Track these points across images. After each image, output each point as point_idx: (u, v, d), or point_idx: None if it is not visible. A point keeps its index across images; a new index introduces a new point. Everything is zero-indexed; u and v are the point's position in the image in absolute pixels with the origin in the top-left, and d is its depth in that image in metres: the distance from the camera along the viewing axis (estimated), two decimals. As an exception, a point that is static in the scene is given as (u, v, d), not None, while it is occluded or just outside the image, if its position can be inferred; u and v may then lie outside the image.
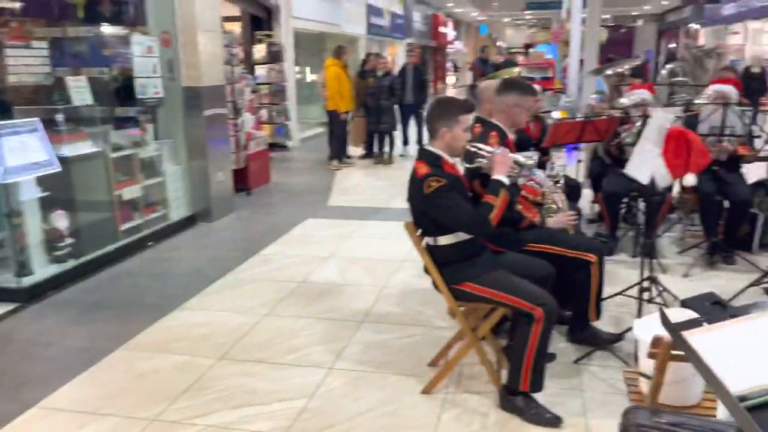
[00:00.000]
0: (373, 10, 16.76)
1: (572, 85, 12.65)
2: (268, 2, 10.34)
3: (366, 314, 3.80)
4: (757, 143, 4.50)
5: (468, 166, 2.78)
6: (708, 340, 1.15)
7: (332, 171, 8.74)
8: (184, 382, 3.03)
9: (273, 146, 9.54)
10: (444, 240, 2.71)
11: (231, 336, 3.53)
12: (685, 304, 3.00)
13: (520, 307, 2.57)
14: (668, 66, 6.66)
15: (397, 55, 19.21)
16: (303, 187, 7.74)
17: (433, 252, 2.75)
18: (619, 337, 3.18)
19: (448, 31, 27.54)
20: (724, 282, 4.17)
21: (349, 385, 2.99)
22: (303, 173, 8.82)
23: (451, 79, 26.52)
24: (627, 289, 3.77)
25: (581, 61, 12.93)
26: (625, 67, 5.41)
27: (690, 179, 3.33)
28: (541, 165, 4.45)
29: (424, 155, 2.72)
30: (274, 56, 10.43)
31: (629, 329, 3.11)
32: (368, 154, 9.60)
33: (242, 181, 7.20)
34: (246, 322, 3.70)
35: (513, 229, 3.07)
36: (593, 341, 3.19)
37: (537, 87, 4.10)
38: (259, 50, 10.33)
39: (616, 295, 3.72)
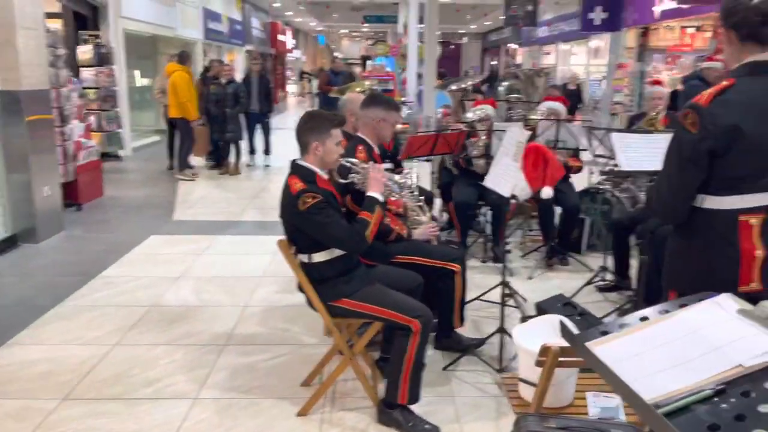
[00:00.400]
0: (210, 15, 16.15)
1: (411, 97, 13.24)
2: (94, 0, 9.50)
3: (229, 336, 3.60)
4: (584, 156, 5.01)
5: (342, 181, 2.75)
6: (611, 350, 1.22)
7: (174, 183, 8.24)
8: (21, 432, 2.64)
9: (104, 156, 8.77)
10: (319, 257, 2.65)
11: (75, 372, 3.14)
12: (539, 306, 3.24)
13: (398, 320, 2.59)
14: (504, 83, 7.26)
15: (235, 62, 18.69)
16: (142, 201, 7.19)
17: (307, 269, 2.68)
18: (482, 342, 3.33)
19: (287, 39, 27.42)
20: (562, 282, 4.58)
21: (218, 415, 2.81)
22: (141, 185, 8.20)
23: (292, 87, 26.41)
24: (483, 293, 3.99)
25: (419, 75, 13.59)
26: (468, 84, 5.76)
27: (547, 191, 3.60)
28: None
29: (297, 170, 2.64)
30: (103, 58, 9.60)
31: (493, 334, 3.28)
32: (215, 164, 9.21)
33: (72, 195, 6.51)
34: (92, 355, 3.33)
35: (382, 242, 3.10)
36: (459, 347, 3.32)
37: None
38: (85, 51, 9.44)
39: (474, 299, 3.91)
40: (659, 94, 5.45)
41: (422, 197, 3.35)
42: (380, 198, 2.67)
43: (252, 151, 9.68)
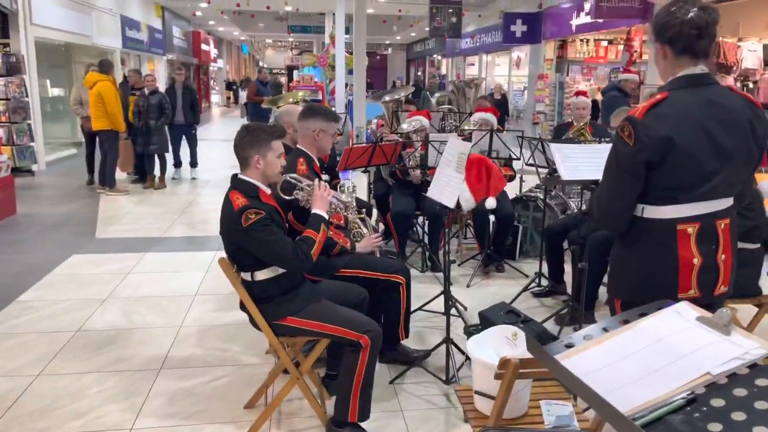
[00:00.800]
0: (128, 23, 15.55)
1: (340, 107, 13.22)
2: (3, 6, 8.93)
3: (164, 360, 3.42)
4: (516, 164, 5.14)
5: (286, 197, 2.68)
6: (580, 363, 1.22)
7: (95, 198, 7.83)
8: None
9: (15, 171, 8.22)
10: (262, 275, 2.56)
11: (-6, 408, 2.89)
12: (483, 315, 3.27)
13: (347, 336, 2.54)
14: (437, 94, 7.36)
15: (156, 71, 18.07)
16: (60, 219, 6.77)
17: (250, 288, 2.58)
18: (428, 354, 3.32)
19: (210, 48, 26.81)
20: (500, 288, 4.66)
21: (157, 445, 2.65)
22: (58, 202, 7.73)
23: (216, 97, 25.82)
24: (426, 304, 4.00)
25: (347, 85, 13.61)
26: (402, 95, 5.79)
27: (491, 202, 3.64)
28: (333, 188, 4.52)
29: (238, 185, 2.54)
30: (12, 68, 9.04)
31: (439, 344, 3.27)
32: (138, 178, 8.84)
33: (-19, 214, 6.06)
34: (13, 388, 3.07)
35: (325, 256, 3.04)
36: (405, 360, 3.29)
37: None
38: (-8, 60, 8.85)
39: (417, 310, 3.90)
40: (583, 104, 5.67)
41: (364, 209, 3.31)
42: (325, 216, 2.61)
43: (177, 164, 9.36)
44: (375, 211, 5.64)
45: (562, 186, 5.28)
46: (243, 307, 2.65)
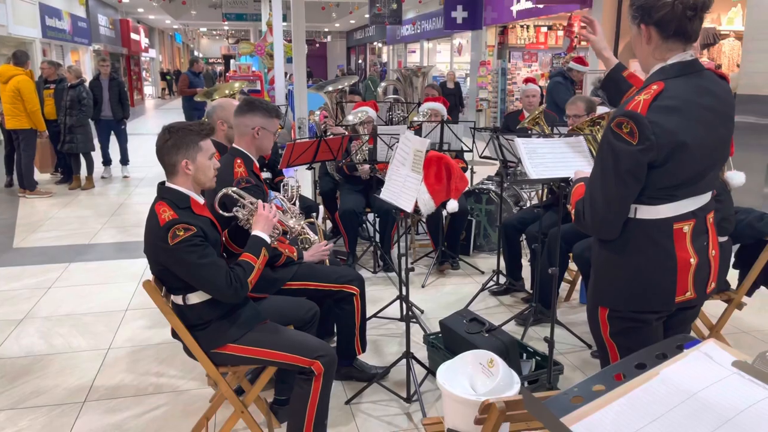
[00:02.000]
0: (48, 11, 14.53)
1: (280, 97, 12.74)
2: None
3: (89, 390, 3.03)
4: (467, 156, 4.92)
5: (224, 214, 2.34)
6: (596, 427, 0.97)
7: (13, 203, 7.18)
8: None
9: None
10: (195, 297, 2.22)
11: None
12: (444, 324, 3.03)
13: (297, 363, 2.24)
14: (383, 84, 7.05)
15: (82, 63, 17.05)
16: (-27, 227, 6.15)
17: (183, 313, 2.24)
18: (388, 370, 3.05)
19: (141, 38, 25.59)
20: (456, 287, 4.45)
21: (80, 498, 2.29)
22: (-29, 207, 7.06)
23: (149, 89, 24.70)
24: (381, 310, 3.73)
25: (286, 74, 13.13)
26: (345, 84, 5.47)
27: (453, 205, 3.38)
28: (275, 187, 4.19)
29: (165, 195, 2.18)
30: None
31: (399, 360, 3.01)
32: (64, 178, 8.21)
33: None
34: None
35: (270, 268, 2.72)
36: (363, 377, 3.02)
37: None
38: None
39: (372, 316, 3.64)
40: (533, 92, 5.51)
41: (313, 213, 3.00)
42: (267, 239, 2.29)
43: (106, 162, 8.75)
44: (321, 208, 5.32)
45: (514, 177, 5.10)
46: (175, 334, 2.31)
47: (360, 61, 31.18)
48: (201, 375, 3.13)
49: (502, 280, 4.30)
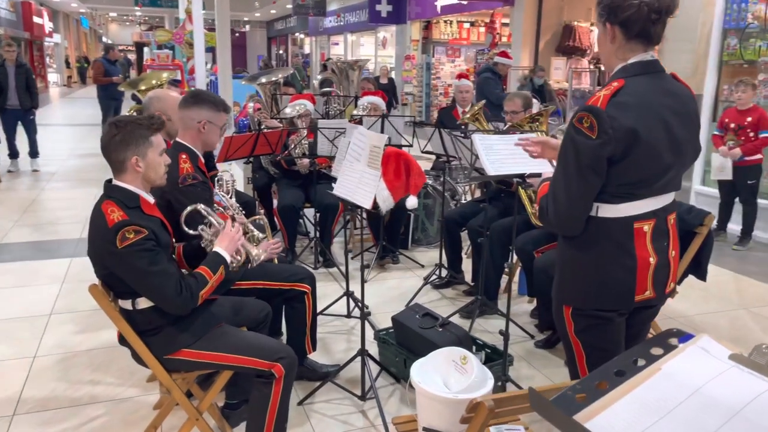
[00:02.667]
0: (-61, -12, 13.31)
1: (200, 87, 12.30)
2: None
3: (18, 402, 2.80)
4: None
5: (191, 232, 2.22)
6: (608, 423, 0.99)
7: None
8: None
9: None
10: (145, 302, 2.09)
11: None
12: (396, 320, 3.02)
13: (257, 366, 2.16)
14: (318, 77, 6.93)
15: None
16: None
17: (132, 319, 2.10)
18: (341, 368, 3.01)
19: (44, 21, 23.97)
20: (398, 281, 4.46)
21: None
22: None
23: (54, 76, 23.19)
24: (327, 307, 3.68)
25: (207, 63, 12.68)
26: (279, 76, 5.34)
27: (412, 201, 3.35)
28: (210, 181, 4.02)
29: (113, 193, 2.04)
30: None
31: (354, 357, 2.97)
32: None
33: None
34: None
35: (218, 269, 2.61)
36: (315, 377, 2.96)
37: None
38: None
39: (318, 314, 3.57)
40: (466, 88, 5.60)
41: (262, 211, 2.90)
42: (228, 259, 2.19)
43: (13, 155, 8.14)
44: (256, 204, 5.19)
45: (449, 171, 5.17)
46: (123, 340, 2.17)
47: (281, 52, 30.65)
48: (141, 381, 2.98)
49: (444, 273, 4.35)
